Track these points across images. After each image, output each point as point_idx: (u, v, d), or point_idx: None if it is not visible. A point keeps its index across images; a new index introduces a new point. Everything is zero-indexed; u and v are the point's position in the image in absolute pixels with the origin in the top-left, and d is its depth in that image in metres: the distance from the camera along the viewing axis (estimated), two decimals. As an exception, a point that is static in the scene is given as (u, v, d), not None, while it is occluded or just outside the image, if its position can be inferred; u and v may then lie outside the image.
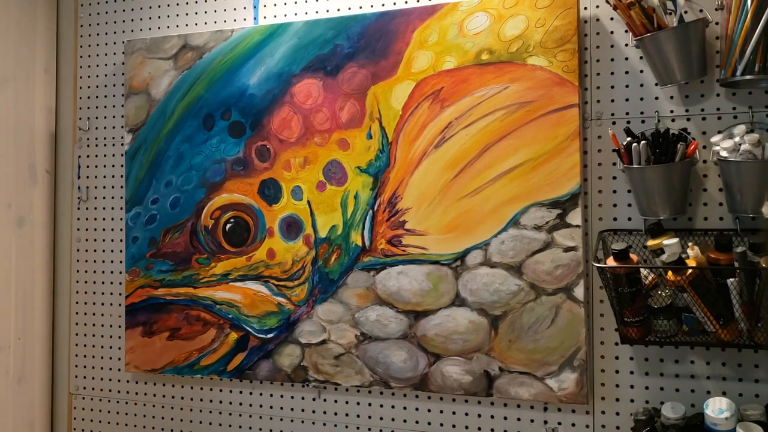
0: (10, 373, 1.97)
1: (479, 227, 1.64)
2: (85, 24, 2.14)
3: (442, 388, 1.68)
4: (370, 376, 1.74)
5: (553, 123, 1.58)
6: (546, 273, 1.59)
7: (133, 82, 2.01)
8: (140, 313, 1.97)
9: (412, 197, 1.70)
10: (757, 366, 1.48)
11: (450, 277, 1.67)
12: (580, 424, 1.60)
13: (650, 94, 1.56)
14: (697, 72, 1.45)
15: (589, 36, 1.61)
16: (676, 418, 1.43)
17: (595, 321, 1.59)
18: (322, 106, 1.79)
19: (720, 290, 1.39)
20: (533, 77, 1.60)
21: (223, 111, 1.89)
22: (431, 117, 1.68)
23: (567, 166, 1.57)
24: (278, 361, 1.83)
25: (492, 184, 1.63)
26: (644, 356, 1.56)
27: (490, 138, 1.63)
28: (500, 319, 1.62)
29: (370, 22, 1.75)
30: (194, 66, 1.93)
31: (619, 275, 1.43)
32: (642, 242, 1.52)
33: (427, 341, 1.69)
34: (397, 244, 1.71)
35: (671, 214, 1.46)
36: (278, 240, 1.83)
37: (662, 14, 1.44)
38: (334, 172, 1.78)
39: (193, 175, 1.92)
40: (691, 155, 1.45)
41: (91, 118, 2.11)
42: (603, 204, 1.59)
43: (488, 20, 1.64)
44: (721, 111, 1.51)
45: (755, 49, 1.36)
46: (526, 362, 1.60)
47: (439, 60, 1.68)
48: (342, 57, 1.77)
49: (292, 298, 1.82)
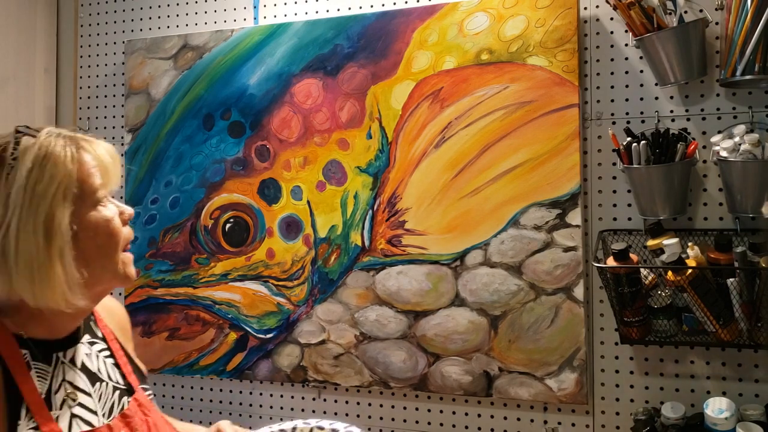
0: (9, 373, 1.97)
1: (479, 227, 1.64)
2: (86, 24, 2.14)
3: (442, 388, 1.68)
4: (370, 376, 1.74)
5: (553, 123, 1.58)
6: (546, 273, 1.59)
7: (133, 82, 2.01)
8: (140, 313, 1.96)
9: (411, 197, 1.70)
10: (757, 366, 1.48)
11: (450, 277, 1.67)
12: (580, 424, 1.60)
13: (650, 94, 1.56)
14: (697, 72, 1.45)
15: (589, 36, 1.61)
16: (676, 418, 1.43)
17: (595, 321, 1.59)
18: (322, 106, 1.79)
19: (720, 290, 1.39)
20: (533, 77, 1.60)
21: (222, 111, 1.89)
22: (431, 117, 1.68)
23: (567, 166, 1.57)
24: (277, 361, 1.83)
25: (492, 184, 1.63)
26: (644, 356, 1.56)
27: (490, 138, 1.63)
28: (500, 319, 1.62)
29: (370, 22, 1.75)
30: (194, 66, 1.93)
31: (619, 275, 1.43)
32: (642, 242, 1.52)
33: (426, 341, 1.69)
34: (397, 244, 1.71)
35: (671, 214, 1.46)
36: (278, 240, 1.83)
37: (662, 14, 1.44)
38: (333, 172, 1.78)
39: (193, 175, 1.92)
40: (691, 155, 1.45)
41: (91, 118, 2.11)
42: (603, 204, 1.59)
43: (488, 20, 1.64)
44: (721, 111, 1.51)
45: (755, 49, 1.36)
46: (525, 362, 1.60)
47: (439, 60, 1.68)
48: (342, 57, 1.77)
49: (291, 298, 1.82)
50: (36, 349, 0.90)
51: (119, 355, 1.04)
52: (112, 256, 0.92)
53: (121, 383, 1.01)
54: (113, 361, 1.02)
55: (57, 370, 0.92)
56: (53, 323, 0.93)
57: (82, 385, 0.94)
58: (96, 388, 0.96)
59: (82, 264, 0.88)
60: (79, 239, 0.88)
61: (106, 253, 0.91)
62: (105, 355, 1.01)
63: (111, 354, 1.03)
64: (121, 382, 1.01)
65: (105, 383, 0.98)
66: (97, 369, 0.98)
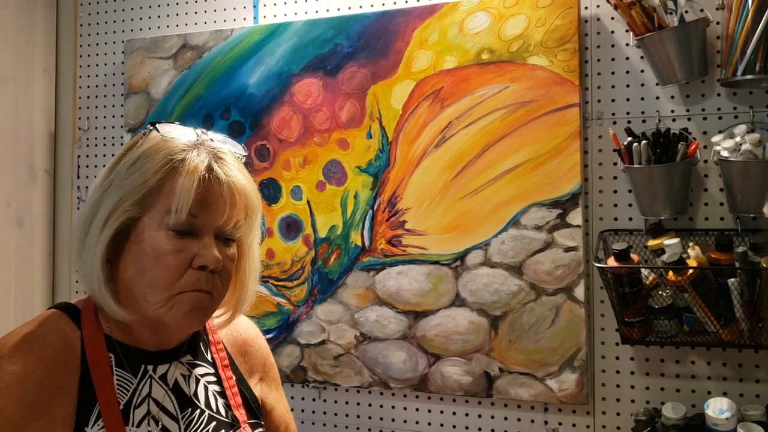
0: (8, 374, 1.97)
1: (479, 227, 1.64)
2: (85, 23, 2.13)
3: (442, 388, 1.67)
4: (370, 376, 1.74)
5: (554, 123, 1.58)
6: (546, 273, 1.58)
7: (132, 82, 2.00)
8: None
9: (412, 197, 1.70)
10: (757, 366, 1.48)
11: (450, 278, 1.66)
12: (581, 424, 1.60)
13: (651, 94, 1.56)
14: (698, 72, 1.45)
15: (589, 35, 1.60)
16: (676, 418, 1.42)
17: (596, 321, 1.59)
18: (322, 106, 1.78)
19: (721, 290, 1.39)
20: (534, 77, 1.59)
21: (222, 110, 1.89)
22: (431, 116, 1.68)
23: (567, 165, 1.57)
24: (277, 362, 1.82)
25: (492, 183, 1.63)
26: (645, 356, 1.55)
27: (491, 138, 1.63)
28: (500, 320, 1.62)
29: (370, 21, 1.74)
30: (194, 65, 1.93)
31: (620, 275, 1.43)
32: (643, 242, 1.52)
33: (426, 342, 1.68)
34: (397, 244, 1.71)
35: (672, 214, 1.45)
36: (277, 240, 1.82)
37: (663, 14, 1.44)
38: (333, 171, 1.77)
39: (193, 175, 1.91)
40: (691, 155, 1.45)
41: (90, 118, 2.11)
42: (603, 204, 1.59)
43: (488, 20, 1.64)
44: (722, 111, 1.50)
45: (756, 48, 1.36)
46: (526, 363, 1.60)
47: (439, 59, 1.68)
48: (342, 56, 1.77)
49: (291, 299, 1.81)
50: (123, 355, 0.84)
51: (229, 384, 0.94)
52: (154, 287, 0.81)
53: (223, 415, 0.91)
54: (218, 389, 0.93)
55: (143, 383, 0.85)
56: (138, 333, 0.86)
57: (168, 407, 0.86)
58: (186, 414, 0.87)
59: (123, 270, 0.83)
60: (131, 246, 0.82)
61: (147, 282, 0.81)
62: (209, 380, 0.92)
63: (218, 381, 0.93)
64: (223, 413, 0.91)
65: (199, 410, 0.89)
66: (193, 393, 0.89)
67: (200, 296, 0.82)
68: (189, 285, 0.81)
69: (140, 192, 0.81)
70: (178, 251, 0.81)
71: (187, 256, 0.81)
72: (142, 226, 0.82)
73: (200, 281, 0.82)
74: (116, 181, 0.83)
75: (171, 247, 0.80)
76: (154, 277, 0.81)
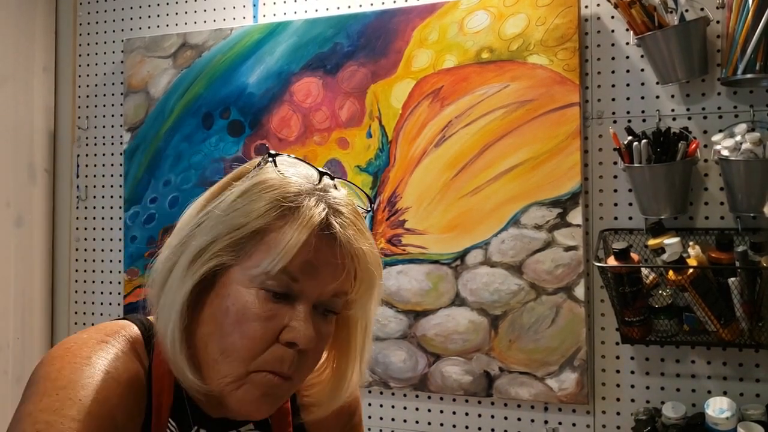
0: (8, 373, 1.97)
1: (479, 226, 1.63)
2: (84, 23, 2.13)
3: (442, 388, 1.67)
4: (370, 376, 1.74)
5: (554, 122, 1.57)
6: (546, 272, 1.58)
7: (132, 81, 2.00)
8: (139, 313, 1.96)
9: (411, 196, 1.69)
10: (758, 365, 1.47)
11: (450, 277, 1.66)
12: (581, 424, 1.60)
13: (651, 93, 1.55)
14: (698, 71, 1.45)
15: (589, 34, 1.60)
16: (676, 417, 1.42)
17: (596, 321, 1.59)
18: (322, 105, 1.78)
19: (721, 290, 1.39)
20: (534, 76, 1.59)
21: (222, 110, 1.88)
22: (431, 116, 1.68)
23: (567, 165, 1.56)
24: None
25: (492, 183, 1.63)
26: (645, 356, 1.55)
27: (491, 137, 1.63)
28: (500, 319, 1.62)
29: (370, 20, 1.74)
30: (193, 65, 1.92)
31: (620, 275, 1.43)
32: (643, 241, 1.52)
33: (426, 341, 1.68)
34: (397, 243, 1.71)
35: (672, 213, 1.45)
36: (277, 239, 1.82)
37: (663, 13, 1.44)
38: (333, 171, 1.77)
39: (192, 174, 1.91)
40: (692, 154, 1.45)
41: (90, 117, 2.11)
42: (604, 203, 1.59)
43: (488, 18, 1.64)
44: (722, 110, 1.50)
45: (756, 47, 1.36)
46: (526, 362, 1.60)
47: (439, 58, 1.67)
48: (342, 55, 1.76)
49: (291, 298, 1.81)
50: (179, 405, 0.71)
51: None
52: (229, 356, 0.66)
53: None
54: None
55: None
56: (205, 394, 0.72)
57: None
58: None
59: (199, 325, 0.69)
60: (213, 298, 0.68)
61: (223, 347, 0.66)
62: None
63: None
64: None
65: None
66: None
67: (276, 381, 0.67)
68: (268, 364, 0.66)
69: (237, 235, 0.67)
70: (267, 318, 0.66)
71: (276, 326, 0.66)
72: (230, 277, 0.67)
73: (283, 362, 0.66)
74: (213, 216, 0.69)
75: (259, 311, 0.65)
76: (232, 344, 0.66)
